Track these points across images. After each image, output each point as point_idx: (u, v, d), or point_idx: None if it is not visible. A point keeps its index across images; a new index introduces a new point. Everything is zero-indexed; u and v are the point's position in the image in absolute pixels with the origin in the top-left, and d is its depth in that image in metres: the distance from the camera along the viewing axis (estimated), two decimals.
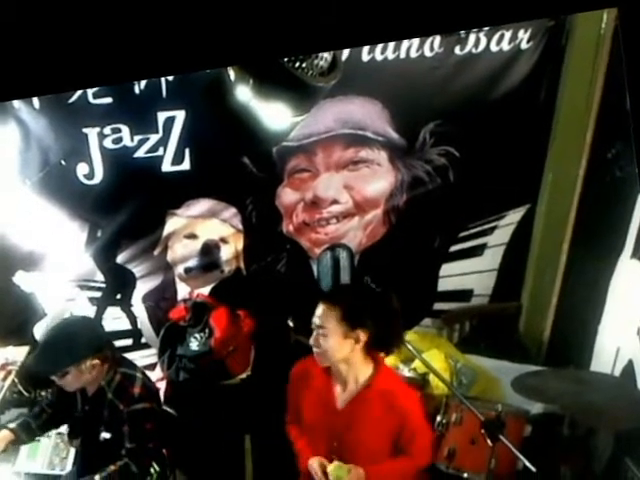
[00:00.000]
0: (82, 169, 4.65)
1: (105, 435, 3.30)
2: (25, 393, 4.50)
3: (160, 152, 4.63)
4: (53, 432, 4.08)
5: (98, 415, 3.31)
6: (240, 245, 4.90)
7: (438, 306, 4.98)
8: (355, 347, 2.97)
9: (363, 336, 2.95)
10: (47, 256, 4.87)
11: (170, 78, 4.40)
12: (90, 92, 4.43)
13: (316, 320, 2.97)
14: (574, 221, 4.60)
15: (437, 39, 4.33)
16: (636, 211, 3.85)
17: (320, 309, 2.97)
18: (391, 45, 4.35)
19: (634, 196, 3.83)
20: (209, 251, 4.90)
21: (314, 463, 3.06)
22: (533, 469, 3.07)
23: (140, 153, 4.63)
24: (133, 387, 3.29)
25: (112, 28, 1.36)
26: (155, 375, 4.70)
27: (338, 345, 2.94)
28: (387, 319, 3.01)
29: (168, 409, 3.81)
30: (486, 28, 4.28)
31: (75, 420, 3.49)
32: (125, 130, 4.58)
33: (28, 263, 4.87)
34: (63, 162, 4.64)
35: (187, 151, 4.64)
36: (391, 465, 3.12)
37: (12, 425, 3.49)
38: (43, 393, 4.49)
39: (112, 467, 3.18)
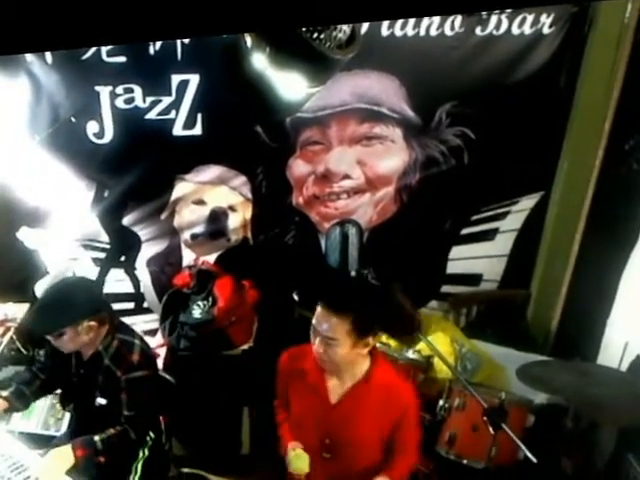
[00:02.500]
0: (92, 127, 4.62)
1: (100, 401, 3.26)
2: (23, 351, 4.48)
3: (172, 115, 4.59)
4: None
5: (93, 380, 3.26)
6: (248, 214, 4.86)
7: (446, 289, 4.94)
8: (362, 351, 2.84)
9: (372, 341, 2.83)
10: (52, 213, 4.84)
11: (186, 41, 4.36)
12: (104, 50, 4.38)
13: (323, 330, 2.77)
14: (588, 211, 4.55)
15: (458, 18, 4.28)
16: None
17: (328, 318, 2.76)
18: (411, 21, 4.30)
19: None
20: (217, 218, 4.86)
21: (291, 450, 2.94)
22: (534, 460, 3.03)
23: (152, 115, 4.59)
24: (131, 354, 3.23)
25: None
26: (156, 341, 4.68)
27: (348, 354, 2.79)
28: (395, 317, 2.89)
29: (167, 376, 3.76)
30: (508, 10, 4.24)
31: (69, 384, 3.44)
32: (138, 91, 4.54)
33: (33, 219, 4.85)
34: (73, 119, 4.61)
35: (199, 116, 4.59)
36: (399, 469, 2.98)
37: (5, 393, 3.41)
38: (41, 352, 4.47)
39: (112, 430, 3.16)
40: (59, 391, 3.69)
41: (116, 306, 4.66)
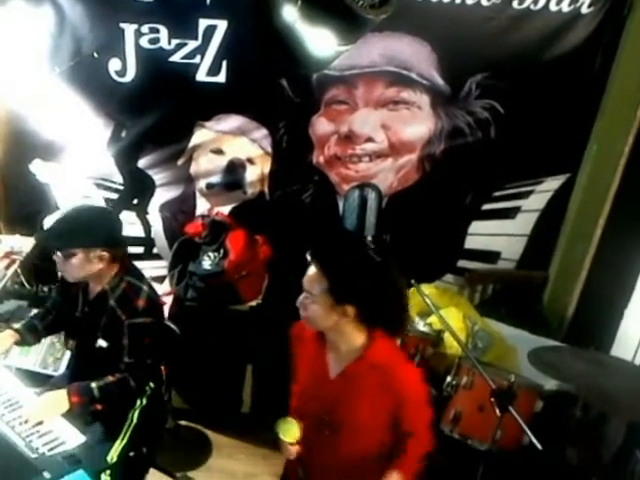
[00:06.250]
0: (114, 65, 4.59)
1: (102, 343, 3.20)
2: (27, 285, 4.48)
3: (197, 60, 4.55)
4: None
5: (97, 320, 3.20)
6: (267, 168, 4.79)
7: (463, 263, 4.87)
8: (342, 319, 2.68)
9: (351, 311, 2.66)
10: (67, 148, 4.82)
11: None
12: None
13: (305, 282, 2.69)
14: (613, 197, 4.47)
15: None
16: None
17: (311, 271, 2.67)
18: None
19: None
20: (234, 169, 4.80)
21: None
22: (539, 446, 2.96)
23: (176, 58, 4.55)
24: (138, 299, 3.16)
25: None
26: (162, 289, 4.62)
27: (324, 314, 2.66)
28: (381, 297, 2.75)
29: (171, 325, 3.70)
30: None
31: (73, 321, 3.38)
32: (163, 31, 4.50)
33: (47, 152, 4.84)
34: (95, 54, 4.58)
35: (224, 63, 4.55)
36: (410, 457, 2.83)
37: (17, 325, 3.39)
38: (45, 288, 4.44)
39: (110, 378, 3.10)
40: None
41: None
